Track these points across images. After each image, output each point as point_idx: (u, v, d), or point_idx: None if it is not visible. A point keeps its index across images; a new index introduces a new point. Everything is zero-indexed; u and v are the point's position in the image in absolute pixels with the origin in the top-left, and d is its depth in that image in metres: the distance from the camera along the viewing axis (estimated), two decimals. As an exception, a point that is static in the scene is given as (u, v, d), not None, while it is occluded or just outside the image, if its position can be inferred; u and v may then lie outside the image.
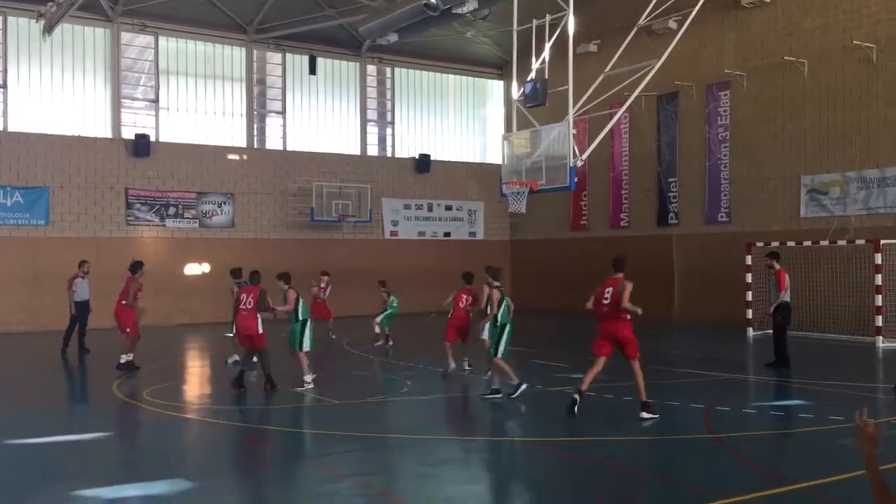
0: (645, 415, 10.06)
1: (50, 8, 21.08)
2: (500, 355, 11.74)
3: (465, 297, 14.31)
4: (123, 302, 14.71)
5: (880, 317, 18.04)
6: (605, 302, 10.15)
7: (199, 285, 25.08)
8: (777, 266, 14.96)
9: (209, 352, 19.04)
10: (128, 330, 14.53)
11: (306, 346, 12.73)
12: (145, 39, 25.64)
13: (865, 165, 20.32)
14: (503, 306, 11.96)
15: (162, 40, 25.83)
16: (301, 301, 12.79)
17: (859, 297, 18.86)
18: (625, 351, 10.17)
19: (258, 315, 12.59)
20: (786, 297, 14.74)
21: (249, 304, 12.62)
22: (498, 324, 11.89)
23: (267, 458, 8.75)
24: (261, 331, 12.55)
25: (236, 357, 14.97)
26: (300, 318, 12.74)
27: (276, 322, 14.08)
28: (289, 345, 12.87)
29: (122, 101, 25.23)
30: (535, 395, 12.15)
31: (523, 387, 11.72)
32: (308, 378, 12.58)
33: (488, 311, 12.23)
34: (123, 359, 14.43)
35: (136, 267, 15.08)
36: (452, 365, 13.93)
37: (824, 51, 21.16)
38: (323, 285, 18.96)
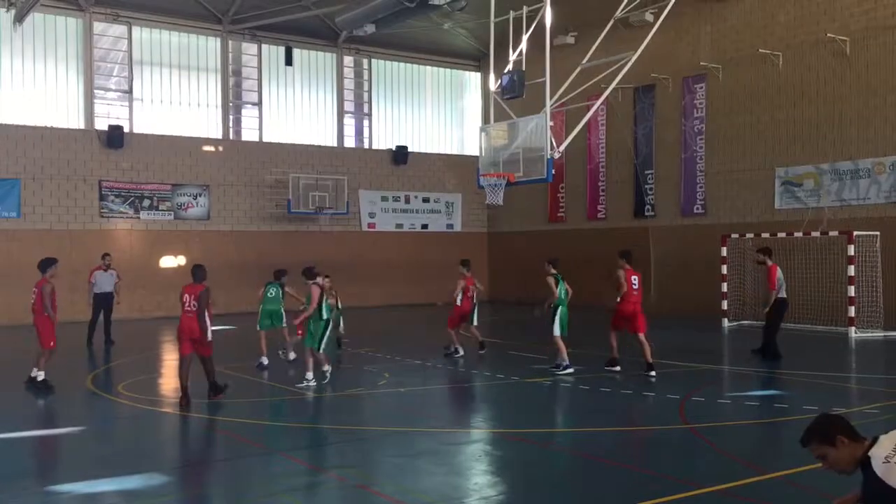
0: (652, 373, 12.46)
1: (20, -3, 20.75)
2: (557, 334, 13.12)
3: (471, 286, 15.31)
4: (46, 314, 12.10)
5: (853, 308, 18.28)
6: (635, 289, 13.13)
7: (175, 278, 24.82)
8: (769, 262, 14.62)
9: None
10: (51, 344, 12.14)
11: (325, 346, 12.33)
12: (119, 29, 25.31)
13: (839, 157, 20.54)
14: (561, 290, 13.43)
15: (136, 30, 25.52)
16: (326, 299, 12.34)
17: (833, 289, 19.09)
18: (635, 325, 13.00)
19: (205, 318, 11.02)
20: (781, 293, 14.35)
21: (193, 305, 11.06)
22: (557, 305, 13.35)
23: (244, 451, 8.70)
24: (209, 337, 11.08)
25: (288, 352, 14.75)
26: (324, 316, 12.23)
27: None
28: (305, 342, 12.50)
29: (96, 91, 24.91)
30: (513, 387, 12.18)
31: (570, 369, 12.95)
32: (310, 375, 12.16)
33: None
34: (38, 375, 12.12)
35: (46, 265, 12.45)
36: (461, 350, 14.98)
37: (798, 44, 21.34)
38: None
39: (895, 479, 3.70)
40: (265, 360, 14.29)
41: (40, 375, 12.09)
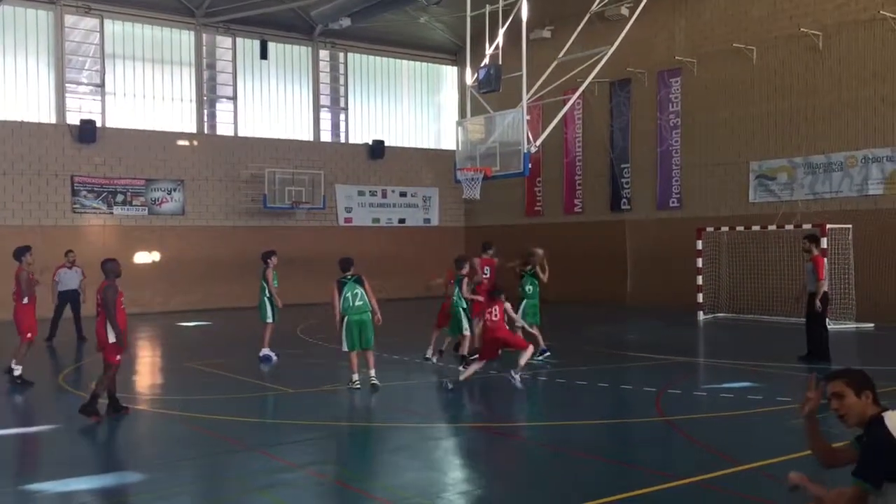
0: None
1: (-11, -11, 20.44)
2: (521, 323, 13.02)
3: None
4: (24, 301, 12.19)
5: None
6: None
7: (149, 274, 24.64)
8: (815, 251, 13.74)
9: (159, 342, 18.74)
10: (29, 335, 12.07)
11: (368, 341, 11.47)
12: (90, 22, 24.97)
13: (811, 151, 20.74)
14: (528, 283, 13.55)
15: (108, 23, 25.18)
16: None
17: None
18: None
19: (109, 319, 9.54)
20: (825, 285, 13.61)
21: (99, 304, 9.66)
22: None
23: (220, 448, 8.64)
24: (111, 339, 9.57)
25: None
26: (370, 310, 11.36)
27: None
28: (368, 343, 11.56)
29: (67, 85, 24.58)
30: (492, 381, 12.19)
31: (547, 353, 13.60)
32: (355, 376, 11.46)
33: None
34: (16, 370, 12.02)
35: (19, 252, 12.45)
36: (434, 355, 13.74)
37: (772, 38, 21.51)
38: None
39: None
40: (356, 380, 11.50)
41: (17, 370, 12.01)
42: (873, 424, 4.08)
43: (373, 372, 11.43)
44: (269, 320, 14.43)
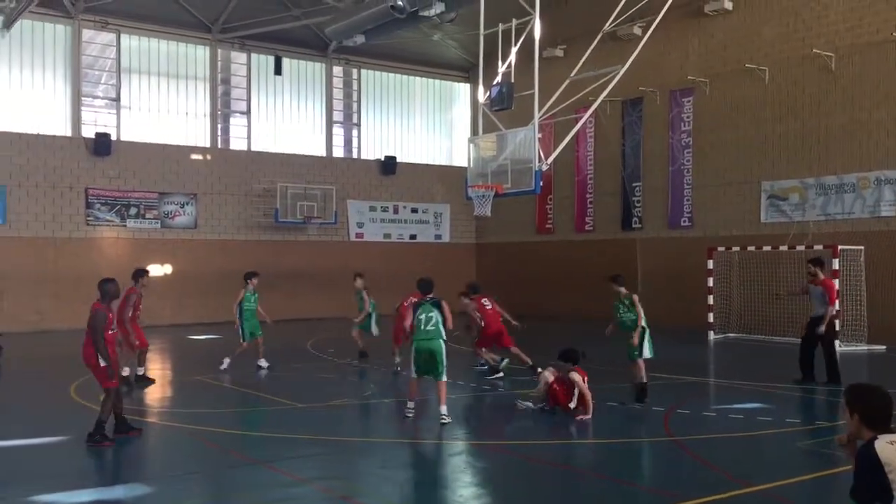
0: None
1: (9, 3, 20.72)
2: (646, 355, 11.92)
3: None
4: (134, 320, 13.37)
5: (837, 321, 18.32)
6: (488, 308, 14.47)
7: (161, 287, 24.74)
8: (822, 275, 13.52)
9: (170, 355, 18.81)
10: (137, 342, 13.34)
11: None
12: (107, 37, 25.25)
13: (824, 172, 20.69)
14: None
15: (124, 38, 25.47)
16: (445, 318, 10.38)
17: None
18: None
19: (101, 343, 9.08)
20: (834, 308, 13.37)
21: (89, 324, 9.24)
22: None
23: (228, 462, 8.65)
24: (102, 363, 9.10)
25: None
26: (443, 338, 10.34)
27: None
28: (434, 372, 10.46)
29: (83, 99, 24.83)
30: (498, 398, 12.17)
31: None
32: (410, 405, 10.61)
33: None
34: (140, 370, 13.58)
35: (138, 274, 13.68)
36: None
37: (784, 59, 21.52)
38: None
39: (886, 455, 4.04)
40: (411, 407, 10.65)
41: (141, 370, 13.54)
42: (864, 446, 4.17)
43: (443, 408, 10.15)
44: (242, 341, 15.10)
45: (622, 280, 12.30)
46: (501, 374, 14.17)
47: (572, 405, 10.62)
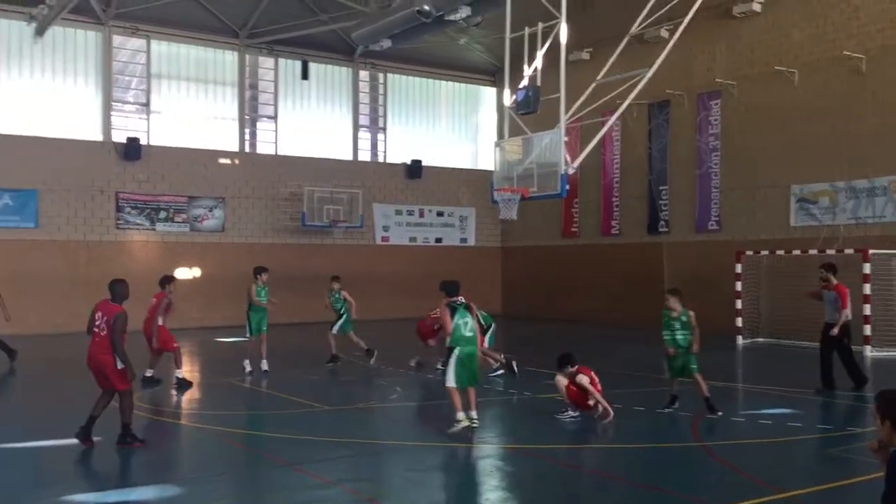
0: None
1: (41, 10, 21.03)
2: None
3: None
4: (160, 323, 13.95)
5: (868, 326, 18.12)
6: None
7: (189, 290, 24.97)
8: (834, 280, 13.44)
9: (198, 357, 18.98)
10: (175, 345, 13.90)
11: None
12: (137, 43, 25.59)
13: (854, 175, 20.42)
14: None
15: (154, 44, 25.78)
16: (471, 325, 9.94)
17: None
18: None
19: (120, 346, 8.97)
20: (849, 314, 13.24)
21: (103, 329, 9.07)
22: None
23: (257, 464, 8.72)
24: (119, 366, 9.00)
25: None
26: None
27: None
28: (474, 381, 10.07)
29: (113, 104, 25.16)
30: (524, 403, 12.15)
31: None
32: (460, 415, 9.83)
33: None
34: (178, 374, 13.87)
35: (165, 281, 14.28)
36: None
37: (814, 61, 21.29)
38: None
39: None
40: (461, 419, 9.84)
41: (179, 373, 13.76)
42: (893, 459, 4.13)
43: (474, 413, 9.87)
44: (247, 336, 15.42)
45: (680, 295, 11.80)
46: (515, 369, 14.17)
47: (591, 402, 10.68)
